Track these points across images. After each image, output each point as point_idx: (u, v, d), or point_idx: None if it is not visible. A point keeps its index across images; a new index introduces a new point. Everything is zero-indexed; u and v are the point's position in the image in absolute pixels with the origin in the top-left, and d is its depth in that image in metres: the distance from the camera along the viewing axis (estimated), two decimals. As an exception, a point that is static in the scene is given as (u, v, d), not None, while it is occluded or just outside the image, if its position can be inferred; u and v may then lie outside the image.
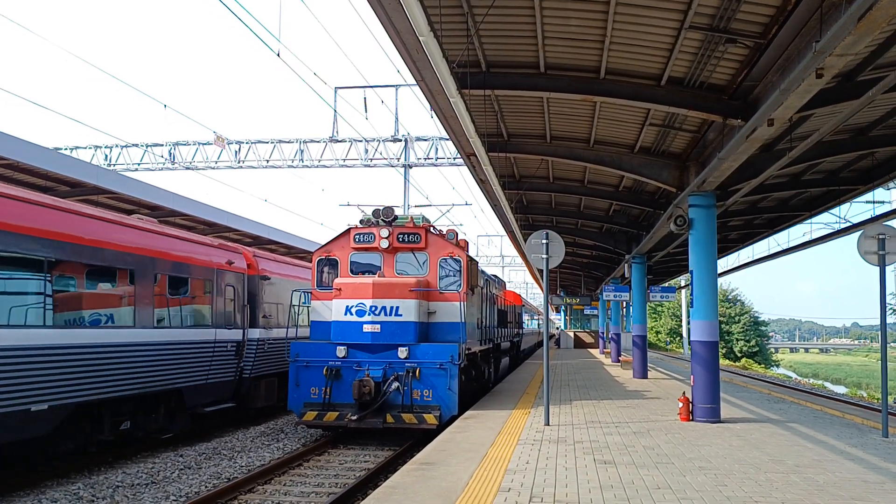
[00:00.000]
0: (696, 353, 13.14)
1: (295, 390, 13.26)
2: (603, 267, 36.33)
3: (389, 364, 12.96)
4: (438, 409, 12.68)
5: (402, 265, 14.22)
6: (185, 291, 13.71)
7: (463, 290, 13.94)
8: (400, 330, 13.15)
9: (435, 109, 12.30)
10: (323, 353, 13.25)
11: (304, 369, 13.24)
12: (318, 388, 13.07)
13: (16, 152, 15.19)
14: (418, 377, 12.82)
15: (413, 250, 14.22)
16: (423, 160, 29.91)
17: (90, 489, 9.80)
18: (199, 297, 14.15)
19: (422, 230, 14.24)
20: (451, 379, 12.84)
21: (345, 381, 12.96)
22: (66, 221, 10.62)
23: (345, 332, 13.29)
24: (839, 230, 22.52)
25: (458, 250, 14.26)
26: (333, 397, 12.97)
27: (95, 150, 32.66)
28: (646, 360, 24.47)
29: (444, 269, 14.12)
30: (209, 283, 14.36)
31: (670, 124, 13.32)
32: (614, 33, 9.73)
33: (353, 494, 9.42)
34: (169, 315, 13.00)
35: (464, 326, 13.75)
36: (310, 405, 13.05)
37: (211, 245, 15.04)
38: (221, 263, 14.88)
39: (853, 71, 10.37)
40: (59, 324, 10.25)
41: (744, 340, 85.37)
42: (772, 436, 11.29)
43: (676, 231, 14.23)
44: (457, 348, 12.98)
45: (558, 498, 7.15)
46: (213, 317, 14.44)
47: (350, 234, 14.37)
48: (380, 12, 8.54)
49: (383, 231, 14.11)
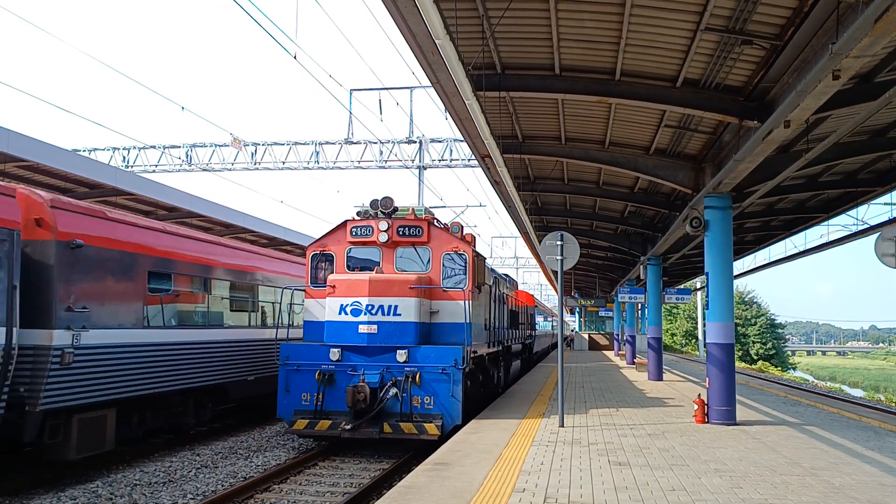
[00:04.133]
0: (712, 355, 13.09)
1: (285, 396, 12.34)
2: (618, 269, 36.23)
3: (387, 368, 12.02)
4: (440, 419, 11.73)
5: (403, 261, 13.23)
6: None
7: (468, 287, 12.94)
8: (398, 331, 12.18)
9: (450, 111, 12.34)
10: (315, 355, 12.32)
11: (295, 373, 12.30)
12: (309, 393, 12.16)
13: (35, 154, 15.40)
14: (418, 383, 11.86)
15: (414, 245, 13.18)
16: (437, 162, 29.98)
17: (108, 487, 9.92)
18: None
19: (424, 223, 13.22)
20: (455, 385, 11.87)
21: (338, 387, 12.03)
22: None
23: (339, 334, 12.35)
24: (856, 232, 22.34)
25: (464, 245, 13.22)
26: (326, 404, 12.03)
27: (114, 152, 32.97)
28: (661, 363, 24.38)
29: (448, 265, 13.10)
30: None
31: (686, 126, 13.30)
32: (629, 35, 9.74)
33: (369, 494, 9.49)
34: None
35: (469, 327, 12.66)
36: (301, 412, 12.14)
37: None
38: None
39: (870, 72, 10.31)
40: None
41: (760, 343, 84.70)
42: (788, 438, 11.23)
43: (692, 233, 14.18)
44: (461, 351, 11.98)
45: (573, 499, 7.16)
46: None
47: (346, 227, 13.40)
48: (396, 15, 8.59)
49: (382, 224, 13.11)
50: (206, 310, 13.98)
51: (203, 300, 13.93)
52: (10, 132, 14.63)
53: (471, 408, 13.45)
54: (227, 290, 14.77)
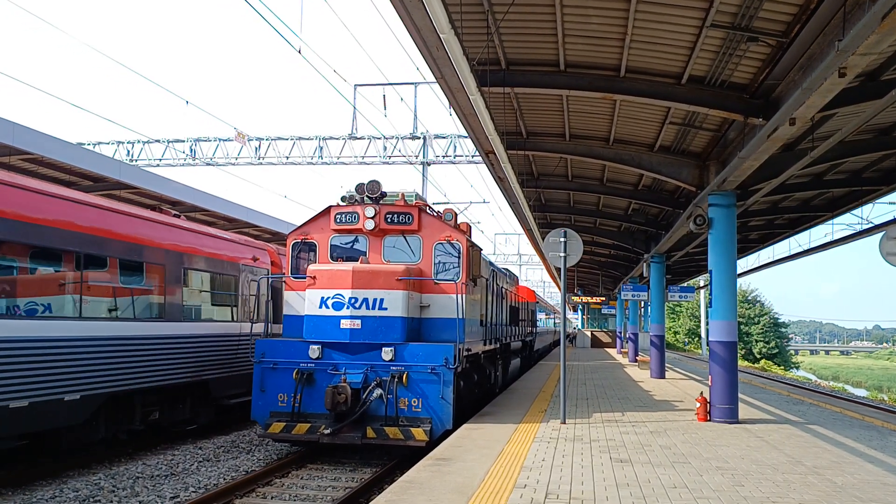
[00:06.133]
0: (715, 353, 13.08)
1: (260, 396, 11.38)
2: (621, 266, 36.19)
3: (371, 367, 11.09)
4: (429, 423, 10.84)
5: (391, 250, 12.27)
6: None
7: (462, 280, 11.92)
8: (384, 326, 11.22)
9: (454, 107, 12.31)
10: (293, 352, 11.37)
11: (271, 372, 11.35)
12: (286, 394, 11.20)
13: (40, 147, 15.40)
14: (405, 383, 10.96)
15: (404, 233, 12.22)
16: (441, 158, 30.01)
17: (111, 480, 9.95)
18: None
19: (414, 209, 12.23)
20: (445, 386, 10.96)
21: (318, 387, 11.08)
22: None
23: (319, 329, 11.38)
24: (861, 231, 22.28)
25: (458, 234, 12.29)
26: (305, 406, 11.09)
27: (118, 146, 33.06)
28: (663, 361, 24.38)
29: (441, 255, 12.16)
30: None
31: (690, 123, 13.26)
32: (635, 31, 9.71)
33: (370, 489, 9.50)
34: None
35: (462, 323, 11.70)
36: (277, 415, 11.19)
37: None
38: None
39: (876, 70, 10.26)
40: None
41: (763, 342, 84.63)
42: (790, 437, 11.22)
43: (696, 230, 14.16)
44: (452, 349, 11.07)
45: (574, 495, 7.16)
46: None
47: (330, 213, 12.41)
48: (401, 10, 8.57)
49: (368, 210, 12.07)
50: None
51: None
52: (15, 125, 14.63)
53: (465, 408, 12.86)
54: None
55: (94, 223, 10.93)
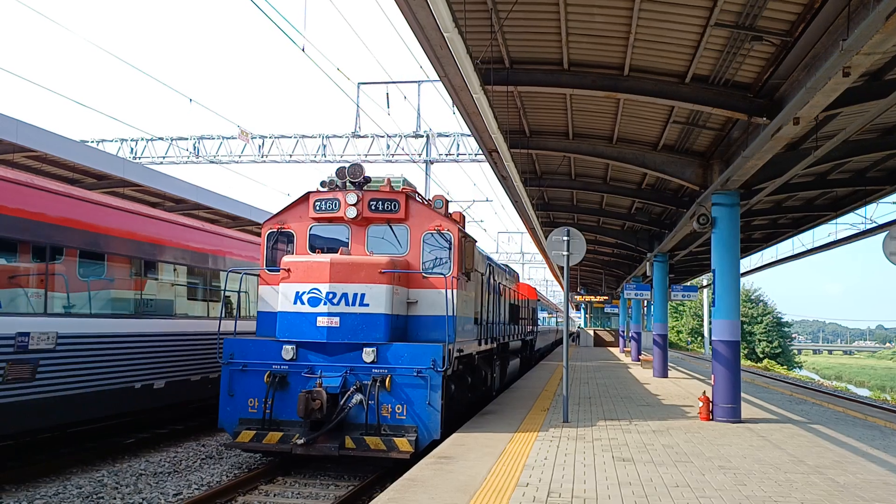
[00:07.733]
0: (718, 352, 13.06)
1: (228, 402, 10.33)
2: (624, 265, 36.17)
3: (351, 370, 10.05)
4: (415, 432, 9.81)
5: (376, 241, 11.28)
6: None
7: (453, 273, 10.93)
8: (366, 325, 10.18)
9: (457, 105, 12.30)
10: (265, 353, 10.34)
11: (241, 374, 10.31)
12: (257, 399, 10.18)
13: (44, 144, 15.42)
14: (389, 388, 9.90)
15: (389, 222, 11.22)
16: (444, 156, 29.98)
17: (114, 476, 9.98)
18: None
19: (401, 196, 11.23)
20: (433, 391, 9.92)
21: (292, 392, 10.06)
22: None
23: (293, 327, 10.34)
24: (865, 231, 22.19)
25: (449, 223, 11.28)
26: (277, 412, 10.08)
27: (121, 143, 33.07)
28: (666, 360, 24.37)
29: (430, 246, 11.17)
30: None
31: (694, 122, 13.24)
32: (639, 30, 9.70)
33: (373, 486, 9.51)
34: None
35: (453, 321, 10.73)
36: (246, 422, 10.14)
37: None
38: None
39: (881, 70, 10.24)
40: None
41: (766, 341, 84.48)
42: (793, 436, 11.21)
43: (699, 230, 14.14)
44: (441, 350, 10.04)
45: (576, 494, 7.17)
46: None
47: (309, 199, 11.41)
48: (404, 8, 8.56)
49: (350, 196, 11.05)
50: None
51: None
52: (18, 122, 14.66)
53: (460, 412, 12.19)
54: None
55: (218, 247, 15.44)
